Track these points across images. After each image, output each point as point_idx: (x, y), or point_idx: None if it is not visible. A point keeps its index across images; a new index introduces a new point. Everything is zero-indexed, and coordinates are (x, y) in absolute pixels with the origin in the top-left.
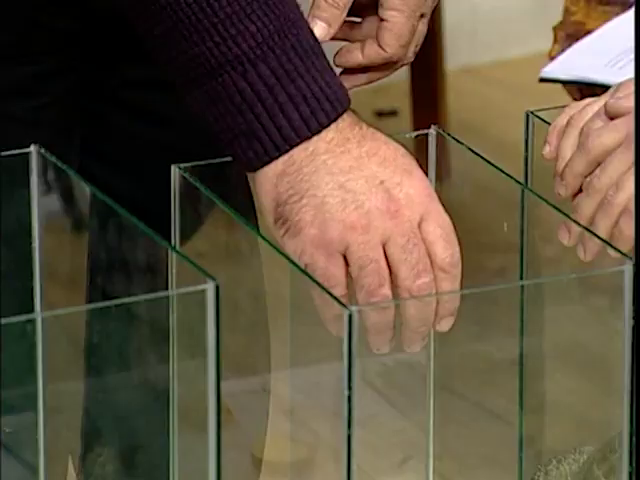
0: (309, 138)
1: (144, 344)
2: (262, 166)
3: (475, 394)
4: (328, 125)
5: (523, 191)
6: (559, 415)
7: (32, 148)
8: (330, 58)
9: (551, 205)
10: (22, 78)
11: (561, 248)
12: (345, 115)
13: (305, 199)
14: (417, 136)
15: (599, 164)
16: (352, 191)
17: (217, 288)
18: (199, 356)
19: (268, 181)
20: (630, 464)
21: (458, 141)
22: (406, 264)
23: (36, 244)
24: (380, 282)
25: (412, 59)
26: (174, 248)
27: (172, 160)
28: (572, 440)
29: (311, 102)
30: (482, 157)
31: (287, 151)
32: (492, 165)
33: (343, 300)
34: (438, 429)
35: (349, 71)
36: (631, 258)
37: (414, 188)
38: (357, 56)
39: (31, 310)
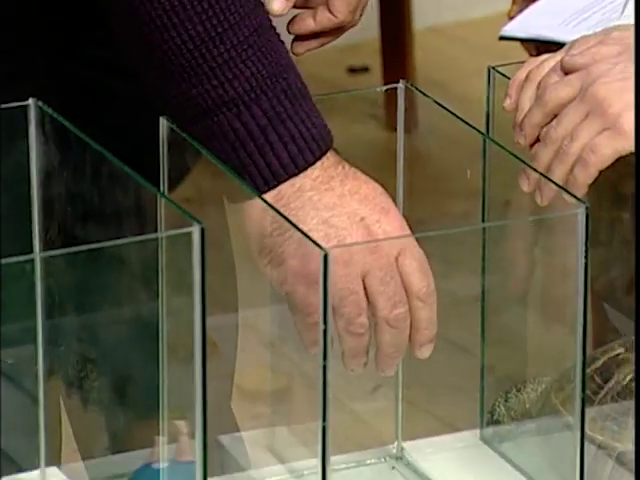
0: (296, 175)
1: (135, 283)
2: (250, 199)
3: (441, 328)
4: (314, 163)
5: (485, 141)
6: (519, 347)
7: (30, 101)
8: (282, 27)
9: (511, 154)
10: None
11: (520, 193)
12: (329, 154)
13: (289, 232)
14: (387, 90)
15: (555, 116)
16: (335, 226)
17: (202, 231)
18: (186, 294)
19: (255, 213)
20: (582, 392)
21: (425, 95)
22: (384, 295)
23: (34, 190)
24: (358, 312)
25: (358, 22)
26: (163, 194)
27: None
28: (531, 371)
29: (299, 142)
30: (447, 109)
31: (275, 186)
32: (456, 117)
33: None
34: (407, 360)
35: (301, 37)
36: (584, 202)
37: (391, 225)
38: (310, 23)
39: (30, 251)
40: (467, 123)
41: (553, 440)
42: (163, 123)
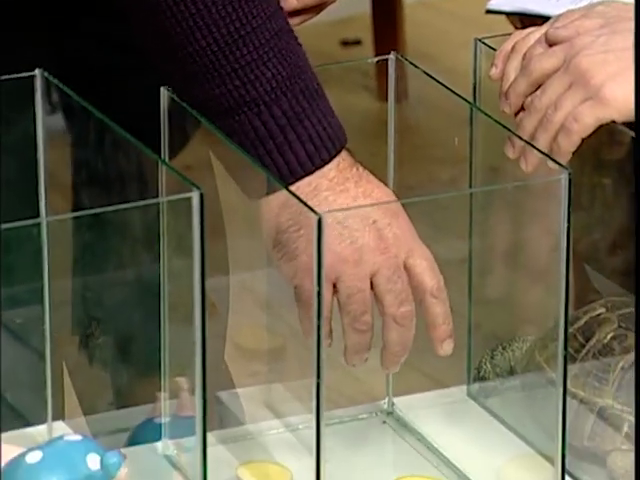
0: (312, 172)
1: (137, 246)
2: (268, 195)
3: None
4: (329, 161)
5: (472, 110)
6: (504, 307)
7: (37, 71)
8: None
9: (497, 122)
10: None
11: (505, 160)
12: (345, 156)
13: (303, 229)
14: (378, 61)
15: (539, 86)
16: (348, 228)
17: (202, 196)
18: (186, 256)
19: (271, 210)
20: (565, 350)
21: (415, 66)
22: (391, 294)
23: (41, 157)
24: (364, 310)
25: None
26: (164, 161)
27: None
28: (516, 330)
29: (315, 141)
30: (436, 80)
31: (292, 183)
32: (445, 87)
33: (328, 322)
34: None
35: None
36: (567, 168)
37: (401, 229)
38: (292, 1)
39: (37, 215)
40: (455, 93)
41: (537, 396)
42: (164, 93)
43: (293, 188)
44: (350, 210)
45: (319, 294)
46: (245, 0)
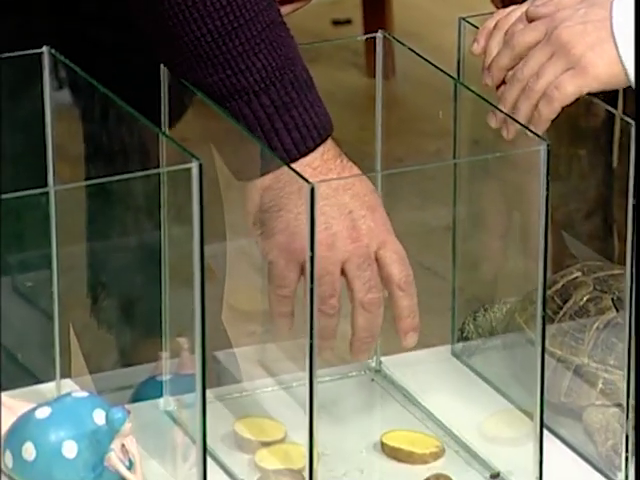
0: (297, 159)
1: (140, 214)
2: (252, 179)
3: (415, 254)
4: (314, 149)
5: (456, 85)
6: (486, 272)
7: (44, 49)
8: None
9: (479, 96)
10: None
11: (487, 133)
12: (330, 146)
13: (283, 211)
14: (367, 39)
15: (521, 59)
16: (325, 214)
17: (201, 167)
18: (186, 224)
19: (256, 191)
20: (543, 311)
21: (402, 43)
22: (360, 280)
23: (49, 130)
24: (331, 293)
25: None
26: (164, 133)
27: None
28: (497, 292)
29: (302, 129)
30: (422, 57)
31: (276, 169)
32: (430, 63)
33: (291, 302)
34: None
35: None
36: (545, 140)
37: (375, 222)
38: None
39: (45, 184)
40: (440, 69)
41: (516, 354)
42: (164, 70)
43: (273, 176)
44: (340, 180)
45: (312, 259)
46: None
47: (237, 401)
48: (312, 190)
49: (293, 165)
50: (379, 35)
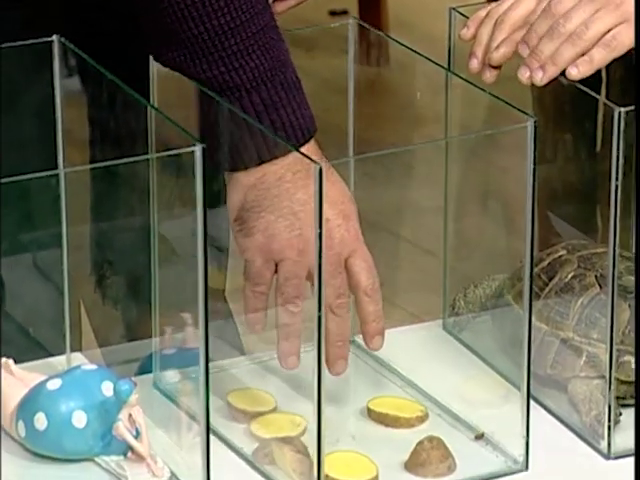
0: (277, 157)
1: (145, 195)
2: (237, 171)
3: (409, 234)
4: (297, 148)
5: (447, 74)
6: (476, 249)
7: (54, 37)
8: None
9: (468, 82)
10: None
11: (477, 119)
12: (314, 150)
13: (264, 212)
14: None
15: (514, 30)
16: (300, 220)
17: (204, 150)
18: (189, 204)
19: (240, 188)
20: (530, 289)
21: (387, 35)
22: (330, 287)
23: (59, 115)
24: (296, 294)
25: None
26: (168, 118)
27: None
28: (486, 270)
29: (288, 129)
30: (409, 48)
31: (259, 164)
32: (421, 55)
33: (265, 298)
34: (377, 262)
35: None
36: (532, 117)
37: (348, 231)
38: None
39: (55, 167)
40: (431, 60)
41: (505, 329)
42: (152, 62)
43: (259, 174)
44: (341, 161)
45: (320, 236)
46: None
47: (227, 374)
48: (320, 170)
49: (277, 160)
50: (351, 22)
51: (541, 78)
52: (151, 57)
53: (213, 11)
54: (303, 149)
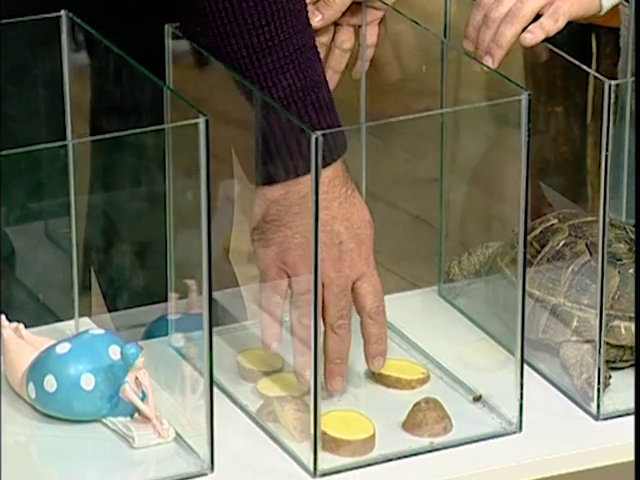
0: (302, 176)
1: (151, 165)
2: (265, 185)
3: (405, 204)
4: (324, 167)
5: (442, 45)
6: (470, 212)
7: (62, 12)
8: None
9: (465, 53)
10: None
11: (470, 91)
12: (341, 172)
13: (283, 227)
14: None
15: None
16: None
17: (207, 122)
18: (194, 174)
19: (264, 200)
20: (524, 257)
21: (395, 10)
22: (335, 307)
23: (67, 89)
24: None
25: None
26: (173, 91)
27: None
28: (480, 238)
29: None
30: (412, 20)
31: (285, 181)
32: (418, 24)
33: (281, 308)
34: (378, 231)
35: None
36: (526, 90)
37: (360, 256)
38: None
39: (64, 138)
40: (426, 29)
41: (498, 295)
42: (168, 29)
43: (282, 191)
44: (342, 129)
45: (316, 202)
46: (277, 15)
47: (239, 335)
48: (317, 140)
49: (302, 179)
50: None
51: (492, 63)
52: (167, 25)
53: (254, 28)
54: (330, 169)
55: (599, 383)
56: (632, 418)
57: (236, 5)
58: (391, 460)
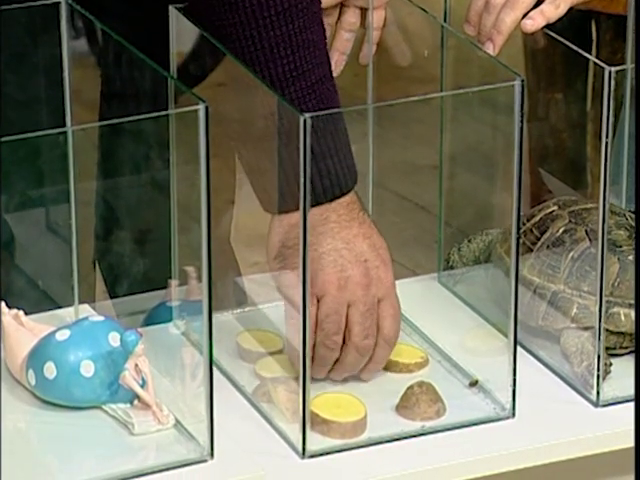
0: (323, 203)
1: (152, 152)
2: (280, 213)
3: (405, 191)
4: (340, 196)
5: (442, 30)
6: (469, 200)
7: None
8: None
9: (465, 40)
10: None
11: (472, 78)
12: (354, 199)
13: (308, 249)
14: None
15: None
16: (343, 257)
17: (207, 109)
18: (193, 161)
19: (282, 226)
20: (517, 244)
21: None
22: (360, 326)
23: (66, 76)
24: (336, 331)
25: None
26: (173, 77)
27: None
28: (480, 225)
29: (332, 177)
30: (414, 4)
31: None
32: (419, 7)
33: (312, 334)
34: (374, 218)
35: None
36: (520, 75)
37: (384, 274)
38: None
39: (63, 125)
40: (425, 10)
41: (497, 281)
42: (172, 11)
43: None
44: (333, 111)
45: (305, 183)
46: (302, 47)
47: (239, 317)
48: (305, 122)
49: (319, 208)
50: None
51: (493, 49)
52: (171, 7)
53: (279, 57)
54: (347, 196)
55: (598, 370)
56: (632, 405)
57: (264, 34)
58: (381, 443)
